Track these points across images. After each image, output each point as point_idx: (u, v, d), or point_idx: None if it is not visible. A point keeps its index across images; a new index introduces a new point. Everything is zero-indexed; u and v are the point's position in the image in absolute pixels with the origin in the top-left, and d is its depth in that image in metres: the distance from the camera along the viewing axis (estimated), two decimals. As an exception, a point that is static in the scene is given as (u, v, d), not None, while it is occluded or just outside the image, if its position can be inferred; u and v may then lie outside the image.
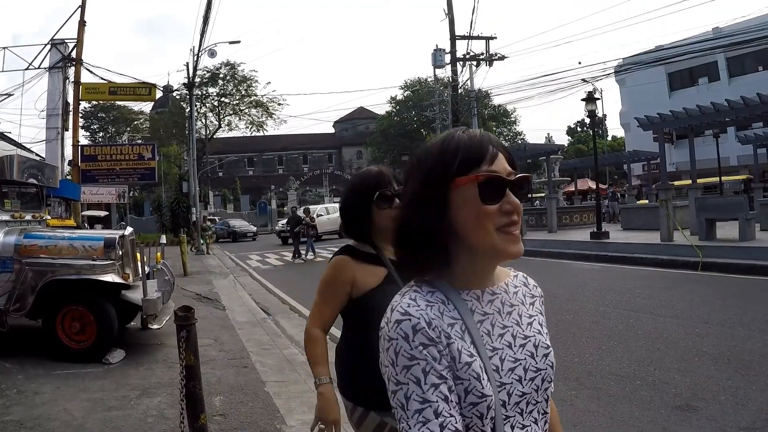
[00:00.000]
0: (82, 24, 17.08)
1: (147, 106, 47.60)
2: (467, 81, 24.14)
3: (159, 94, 23.26)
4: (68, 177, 18.05)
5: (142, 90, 19.59)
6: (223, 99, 47.30)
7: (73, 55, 17.19)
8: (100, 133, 58.76)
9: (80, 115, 24.00)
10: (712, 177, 24.19)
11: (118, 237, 5.77)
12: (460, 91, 23.08)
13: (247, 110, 48.18)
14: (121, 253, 5.74)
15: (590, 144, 32.12)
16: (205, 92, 45.36)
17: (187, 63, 25.83)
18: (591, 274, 10.43)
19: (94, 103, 44.16)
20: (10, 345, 5.64)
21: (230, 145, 56.53)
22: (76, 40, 17.11)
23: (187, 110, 33.71)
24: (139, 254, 6.22)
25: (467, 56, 22.62)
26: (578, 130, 62.94)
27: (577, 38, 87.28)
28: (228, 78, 46.37)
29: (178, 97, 41.99)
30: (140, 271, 5.85)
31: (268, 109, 47.84)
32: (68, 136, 17.81)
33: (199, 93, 41.87)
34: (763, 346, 4.99)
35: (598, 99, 18.34)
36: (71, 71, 17.36)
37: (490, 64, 22.81)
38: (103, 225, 18.48)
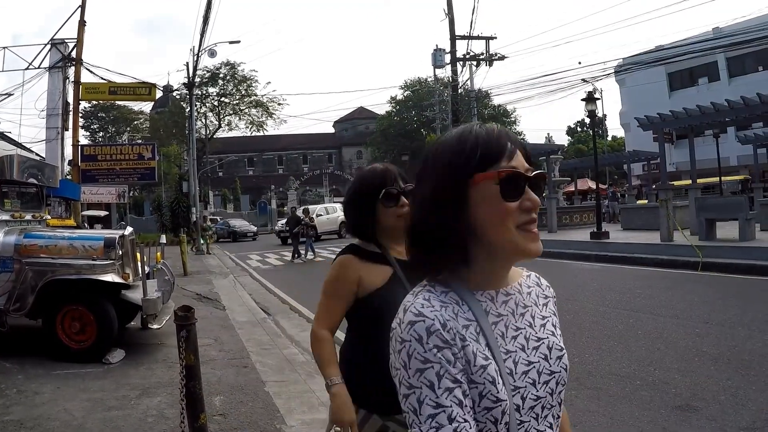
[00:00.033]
0: (82, 24, 17.09)
1: (147, 106, 47.75)
2: (467, 81, 24.17)
3: (159, 94, 23.31)
4: (68, 177, 18.05)
5: (142, 90, 19.60)
6: (223, 99, 47.33)
7: (73, 55, 17.21)
8: (100, 133, 58.78)
9: (80, 114, 24.01)
10: (713, 177, 24.20)
11: (118, 237, 5.77)
12: (460, 91, 23.10)
13: (247, 110, 48.26)
14: (121, 253, 5.74)
15: (590, 144, 32.12)
16: (205, 92, 45.38)
17: (187, 63, 25.86)
18: (591, 274, 10.43)
19: (94, 102, 44.16)
20: (10, 345, 5.64)
21: (230, 145, 56.54)
22: (76, 40, 17.12)
23: (187, 110, 33.70)
24: (139, 254, 6.22)
25: (467, 56, 22.64)
26: (578, 130, 62.98)
27: (577, 38, 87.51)
28: (228, 78, 46.43)
29: (178, 97, 41.99)
30: (140, 271, 5.85)
31: (268, 109, 47.90)
32: (68, 135, 17.84)
33: (199, 93, 41.88)
34: (763, 346, 4.99)
35: (598, 99, 18.34)
36: (71, 71, 17.38)
37: (490, 64, 22.84)
38: (102, 225, 18.48)
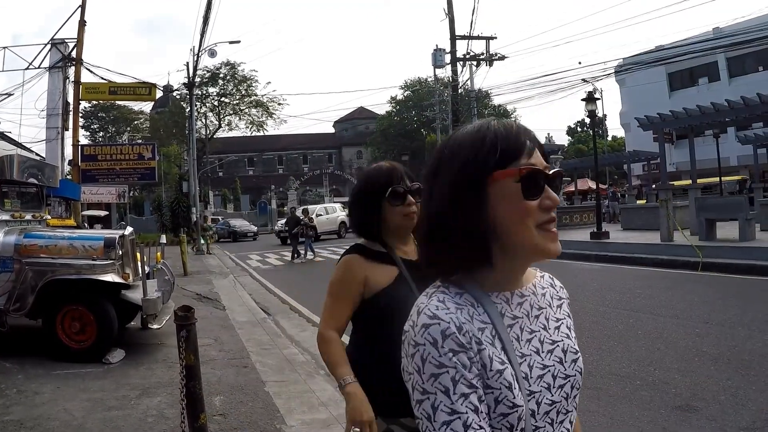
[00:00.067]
0: (82, 24, 17.10)
1: (147, 106, 47.75)
2: (467, 81, 24.18)
3: (159, 94, 23.33)
4: (68, 177, 18.06)
5: (142, 90, 19.62)
6: (223, 99, 47.36)
7: (73, 54, 17.22)
8: (100, 133, 58.77)
9: (80, 114, 23.99)
10: (713, 177, 24.20)
11: (118, 237, 5.77)
12: (460, 91, 23.10)
13: (247, 110, 48.30)
14: (121, 252, 5.74)
15: (590, 144, 32.13)
16: (205, 92, 45.40)
17: (187, 63, 25.87)
18: (591, 274, 10.43)
19: (94, 102, 44.11)
20: (10, 345, 5.64)
21: (230, 145, 56.55)
22: (76, 40, 17.14)
23: (187, 110, 33.72)
24: (139, 254, 6.23)
25: (467, 56, 22.63)
26: (578, 130, 62.99)
27: (577, 38, 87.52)
28: (228, 78, 46.46)
29: (178, 97, 42.00)
30: (140, 271, 5.85)
31: (268, 108, 47.95)
32: (68, 135, 17.86)
33: (199, 93, 41.89)
34: (763, 346, 4.99)
35: (598, 99, 18.35)
36: (71, 71, 17.40)
37: (490, 64, 22.82)
38: (102, 225, 18.49)
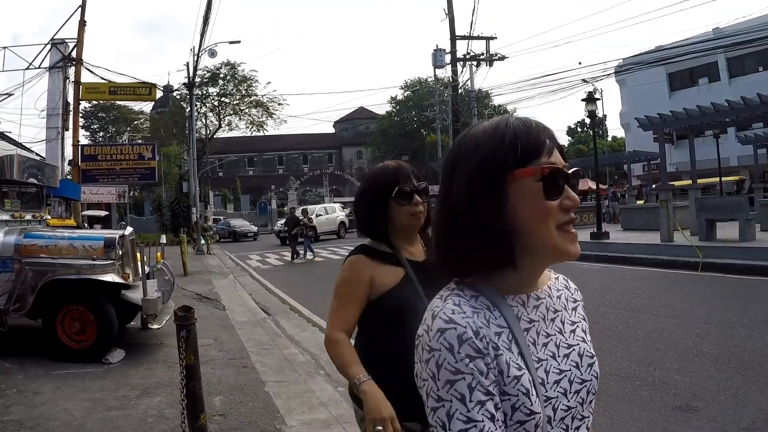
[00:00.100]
0: (82, 24, 17.11)
1: (147, 106, 47.75)
2: (467, 81, 24.21)
3: (159, 94, 23.34)
4: (68, 177, 18.07)
5: (142, 90, 19.63)
6: (223, 99, 47.36)
7: (73, 54, 17.23)
8: (100, 133, 58.77)
9: (80, 114, 23.99)
10: (713, 177, 24.20)
11: (118, 237, 5.77)
12: (460, 91, 23.11)
13: (247, 110, 48.28)
14: (121, 252, 5.74)
15: (590, 144, 32.15)
16: (205, 92, 45.41)
17: (188, 63, 25.89)
18: (591, 274, 10.42)
19: (94, 102, 44.14)
20: (10, 345, 5.64)
21: (230, 145, 56.56)
22: (76, 40, 17.15)
23: (187, 110, 33.73)
24: (139, 254, 6.23)
25: (467, 56, 22.64)
26: (578, 130, 63.02)
27: (577, 38, 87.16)
28: (228, 78, 46.45)
29: (178, 97, 42.03)
30: (140, 271, 5.85)
31: (268, 109, 47.94)
32: (68, 135, 17.87)
33: (200, 93, 41.90)
34: (763, 346, 4.99)
35: (599, 99, 18.36)
36: (71, 71, 17.41)
37: (491, 64, 22.84)
38: (102, 225, 18.49)
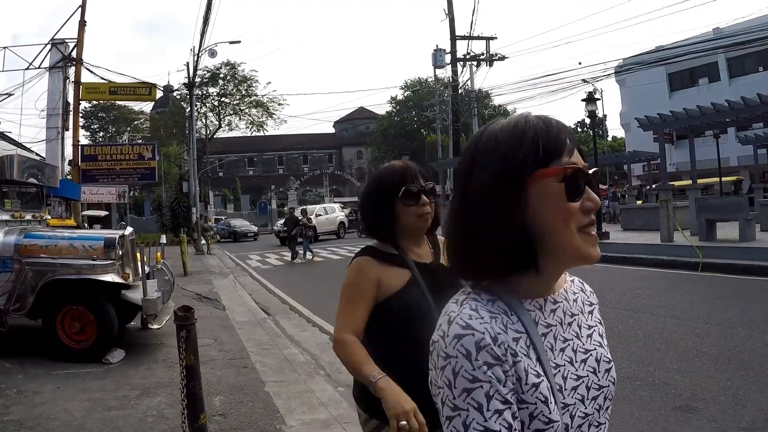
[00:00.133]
0: (82, 24, 17.12)
1: (147, 106, 47.71)
2: (467, 81, 24.21)
3: (159, 94, 23.32)
4: (68, 177, 18.07)
5: (142, 90, 19.63)
6: (223, 99, 47.36)
7: (74, 54, 17.23)
8: (100, 133, 58.75)
9: (80, 114, 23.98)
10: (713, 177, 24.20)
11: (118, 237, 5.77)
12: (460, 92, 23.12)
13: (248, 110, 48.28)
14: (121, 253, 5.74)
15: (590, 144, 32.00)
16: (205, 92, 45.40)
17: (188, 63, 25.91)
18: (591, 274, 10.38)
19: (94, 102, 44.15)
20: (10, 345, 5.64)
21: (230, 145, 56.54)
22: (76, 40, 17.15)
23: (187, 110, 33.74)
24: (139, 254, 6.22)
25: (467, 56, 22.68)
26: (578, 130, 62.94)
27: (577, 38, 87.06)
28: (228, 78, 46.43)
29: (178, 97, 42.04)
30: (140, 271, 5.85)
31: (269, 109, 47.93)
32: (68, 135, 17.88)
33: (200, 93, 41.90)
34: (763, 346, 4.98)
35: (599, 99, 18.39)
36: (71, 71, 17.42)
37: (491, 65, 22.87)
38: (102, 225, 18.48)
